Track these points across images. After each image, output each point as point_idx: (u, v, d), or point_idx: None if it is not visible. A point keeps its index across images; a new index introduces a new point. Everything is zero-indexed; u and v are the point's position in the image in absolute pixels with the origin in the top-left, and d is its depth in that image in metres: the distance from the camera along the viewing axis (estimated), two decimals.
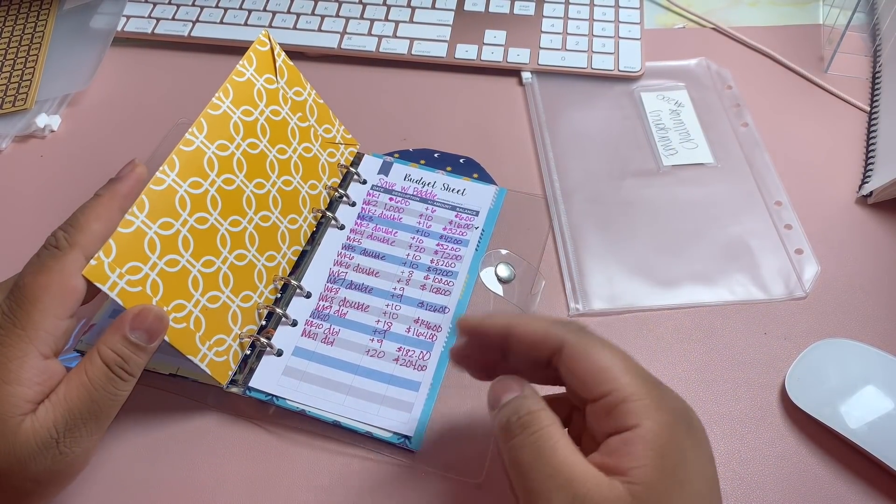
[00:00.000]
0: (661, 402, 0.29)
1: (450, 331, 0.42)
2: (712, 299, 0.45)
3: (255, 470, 0.38)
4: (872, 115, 0.54)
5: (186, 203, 0.38)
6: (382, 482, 0.38)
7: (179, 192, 0.38)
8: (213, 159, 0.40)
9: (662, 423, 0.28)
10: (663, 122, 0.53)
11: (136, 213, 0.35)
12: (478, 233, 0.47)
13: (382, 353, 0.41)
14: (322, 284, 0.44)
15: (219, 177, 0.40)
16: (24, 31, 0.61)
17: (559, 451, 0.28)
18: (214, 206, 0.39)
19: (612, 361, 0.29)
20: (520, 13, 0.61)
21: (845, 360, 0.41)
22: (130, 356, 0.33)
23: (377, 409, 0.39)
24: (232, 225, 0.40)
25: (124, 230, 0.35)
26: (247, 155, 0.42)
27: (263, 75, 0.44)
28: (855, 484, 0.38)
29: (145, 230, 0.36)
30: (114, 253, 0.34)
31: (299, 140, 0.46)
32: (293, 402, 0.39)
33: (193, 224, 0.38)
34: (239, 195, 0.41)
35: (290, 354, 0.41)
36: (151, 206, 0.36)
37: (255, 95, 0.43)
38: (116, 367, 0.33)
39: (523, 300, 0.41)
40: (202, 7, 0.62)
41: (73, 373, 0.33)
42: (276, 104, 0.44)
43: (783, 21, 0.62)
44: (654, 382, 0.30)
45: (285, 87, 0.45)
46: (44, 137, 0.55)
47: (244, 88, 0.42)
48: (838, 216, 0.48)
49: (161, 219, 0.36)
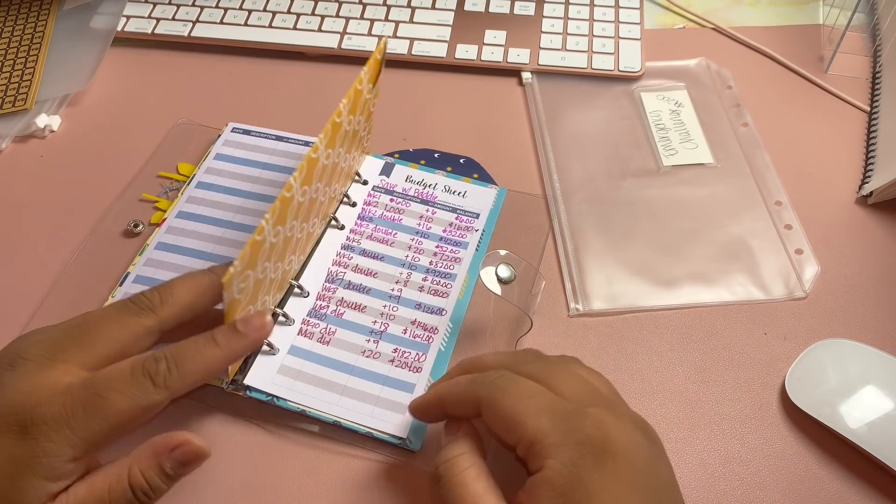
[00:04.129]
0: (566, 436, 0.29)
1: (448, 333, 0.42)
2: (712, 299, 0.45)
3: (255, 470, 0.38)
4: (872, 115, 0.54)
5: (295, 211, 0.37)
6: (383, 482, 0.38)
7: (296, 199, 0.37)
8: (321, 168, 0.39)
9: (566, 460, 0.28)
10: (663, 122, 0.53)
11: (268, 219, 0.34)
12: (477, 235, 0.47)
13: (378, 354, 0.41)
14: (320, 284, 0.44)
15: (317, 184, 0.39)
16: (24, 31, 0.61)
17: (468, 497, 0.30)
18: (303, 212, 0.39)
19: (517, 408, 0.30)
20: (520, 13, 0.61)
21: (845, 360, 0.41)
22: (159, 486, 0.31)
23: (371, 409, 0.39)
24: (300, 231, 0.40)
25: (258, 237, 0.33)
26: (333, 163, 0.41)
27: (369, 84, 0.43)
28: (855, 484, 0.38)
29: (267, 237, 0.35)
30: (247, 259, 0.33)
31: (356, 148, 0.46)
32: (293, 403, 0.39)
33: (286, 232, 0.37)
34: (315, 203, 0.40)
35: (286, 353, 0.41)
36: (279, 213, 0.35)
37: (359, 105, 0.42)
38: (141, 494, 0.31)
39: (523, 300, 0.41)
40: (202, 7, 0.62)
41: (98, 481, 0.31)
42: (363, 114, 0.44)
43: (783, 21, 0.62)
44: (562, 414, 0.30)
45: (373, 98, 0.44)
46: (44, 137, 0.55)
47: (357, 97, 0.41)
48: (838, 216, 0.48)
49: (277, 226, 0.36)
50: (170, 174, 0.51)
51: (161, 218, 0.48)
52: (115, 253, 0.47)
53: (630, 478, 0.28)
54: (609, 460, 0.28)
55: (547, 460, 0.29)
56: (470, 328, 0.43)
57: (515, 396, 0.31)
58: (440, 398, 0.34)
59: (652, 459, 0.30)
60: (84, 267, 0.46)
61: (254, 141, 0.52)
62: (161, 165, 0.51)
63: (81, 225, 0.49)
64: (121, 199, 0.50)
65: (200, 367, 0.33)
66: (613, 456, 0.28)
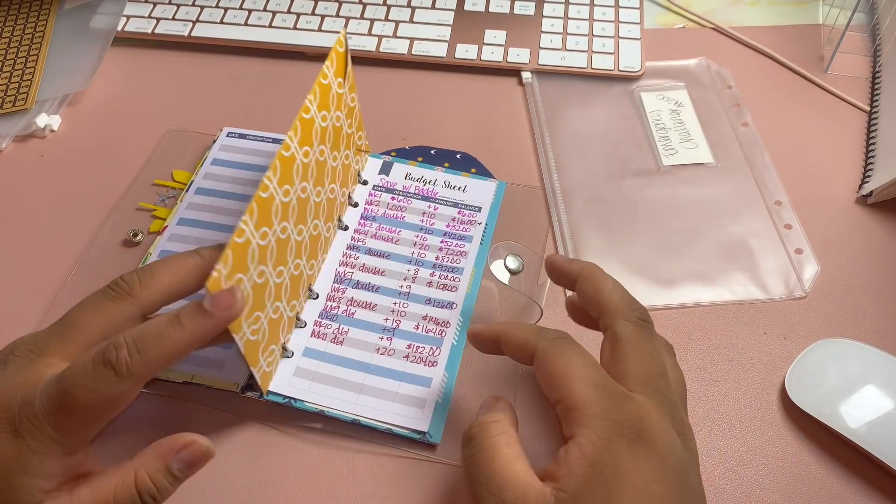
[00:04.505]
0: (607, 412, 0.29)
1: (459, 327, 0.42)
2: (712, 299, 0.45)
3: (275, 472, 0.38)
4: (872, 115, 0.54)
5: (278, 211, 0.37)
6: (405, 477, 0.38)
7: (277, 199, 0.36)
8: (299, 166, 0.39)
9: (601, 433, 0.28)
10: (663, 122, 0.53)
11: (247, 220, 0.33)
12: (481, 229, 0.47)
13: (392, 351, 0.42)
14: (329, 285, 0.44)
15: (300, 183, 0.39)
16: (24, 31, 0.61)
17: (497, 459, 0.30)
18: (293, 213, 0.38)
19: (569, 369, 0.31)
20: (520, 13, 0.61)
21: (845, 360, 0.41)
22: (166, 487, 0.31)
23: (390, 405, 0.39)
24: (298, 234, 0.40)
25: (238, 239, 0.32)
26: (317, 161, 0.41)
27: (337, 78, 0.42)
28: (855, 484, 0.38)
29: (251, 239, 0.34)
30: (230, 263, 0.32)
31: (345, 146, 0.45)
32: (310, 404, 0.39)
33: (279, 233, 0.37)
34: (306, 203, 0.40)
35: (301, 355, 0.41)
36: (259, 213, 0.34)
37: (330, 100, 0.42)
38: (148, 497, 0.30)
39: (531, 290, 0.42)
40: (202, 7, 0.62)
41: (103, 484, 0.30)
42: (340, 109, 0.43)
43: (783, 21, 0.62)
44: (608, 392, 0.30)
45: (347, 92, 0.44)
46: (44, 137, 0.55)
47: (325, 92, 0.41)
48: (838, 216, 0.48)
49: (262, 227, 0.35)
50: (165, 182, 0.51)
51: (161, 226, 0.48)
52: (115, 263, 0.46)
53: (661, 468, 0.28)
54: (642, 446, 0.28)
55: (583, 429, 0.29)
56: (480, 321, 0.43)
57: (570, 360, 0.31)
58: (502, 334, 0.34)
59: (683, 463, 0.29)
60: (85, 279, 0.46)
61: (250, 144, 0.51)
62: (155, 173, 0.51)
63: (82, 225, 0.49)
64: (118, 209, 0.49)
65: (164, 351, 0.31)
66: (647, 444, 0.28)
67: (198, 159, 0.52)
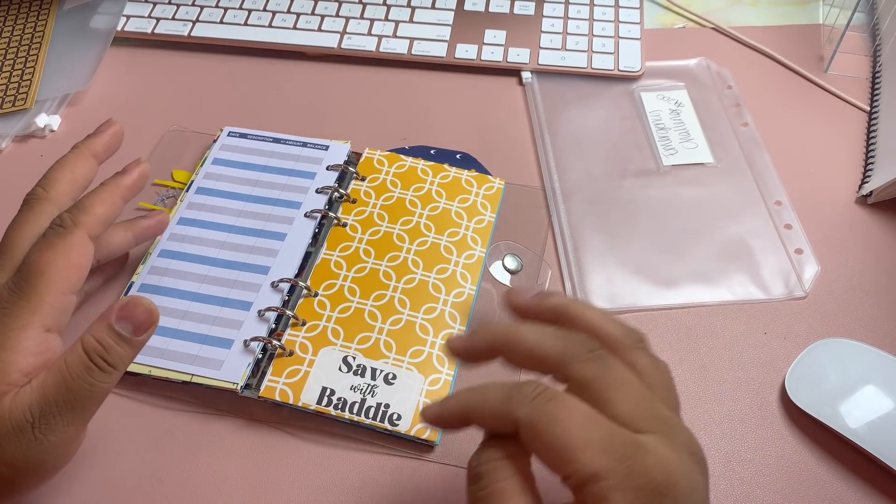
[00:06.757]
0: (626, 480, 0.25)
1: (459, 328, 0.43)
2: (712, 299, 0.45)
3: (275, 472, 0.39)
4: (872, 115, 0.54)
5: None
6: (404, 477, 0.38)
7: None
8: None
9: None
10: (663, 122, 0.53)
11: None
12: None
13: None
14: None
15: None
16: (24, 31, 0.61)
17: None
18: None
19: (568, 439, 0.26)
20: (520, 13, 0.61)
21: (845, 360, 0.41)
22: (112, 346, 0.32)
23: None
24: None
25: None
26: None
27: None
28: (855, 484, 0.38)
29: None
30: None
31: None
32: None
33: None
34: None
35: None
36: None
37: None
38: (96, 356, 0.32)
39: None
40: (202, 7, 0.62)
41: (57, 360, 0.32)
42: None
43: (783, 21, 0.62)
44: (619, 453, 0.26)
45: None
46: (44, 137, 0.55)
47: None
48: (838, 216, 0.48)
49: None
50: (165, 182, 0.51)
51: None
52: None
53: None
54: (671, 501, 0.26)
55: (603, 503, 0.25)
56: (479, 322, 0.43)
57: (565, 425, 0.26)
58: (465, 411, 0.29)
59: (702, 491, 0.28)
60: None
61: (251, 144, 0.51)
62: (155, 173, 0.51)
63: None
64: None
65: (98, 198, 0.38)
66: (674, 500, 0.26)
67: (197, 159, 0.52)
